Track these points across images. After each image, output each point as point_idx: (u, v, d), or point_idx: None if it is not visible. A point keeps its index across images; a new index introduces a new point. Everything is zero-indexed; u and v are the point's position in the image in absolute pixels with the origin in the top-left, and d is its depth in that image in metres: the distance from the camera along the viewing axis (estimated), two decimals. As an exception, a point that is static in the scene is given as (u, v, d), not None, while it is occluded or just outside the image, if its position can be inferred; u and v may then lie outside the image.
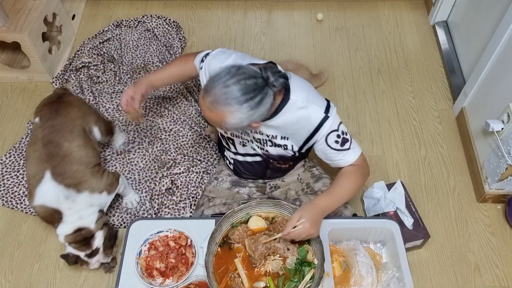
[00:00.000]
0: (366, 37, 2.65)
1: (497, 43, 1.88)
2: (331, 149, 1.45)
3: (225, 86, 1.23)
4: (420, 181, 2.08)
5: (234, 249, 1.41)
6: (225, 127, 1.31)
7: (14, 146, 2.16)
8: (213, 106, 1.25)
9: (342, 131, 1.45)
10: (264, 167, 1.67)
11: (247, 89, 1.23)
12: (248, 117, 1.26)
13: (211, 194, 1.73)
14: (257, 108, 1.26)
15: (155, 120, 2.24)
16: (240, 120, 1.27)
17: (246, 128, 1.38)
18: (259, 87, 1.25)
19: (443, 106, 2.34)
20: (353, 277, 1.39)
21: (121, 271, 1.40)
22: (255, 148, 1.59)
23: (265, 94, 1.26)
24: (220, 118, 1.27)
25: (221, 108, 1.24)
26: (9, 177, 2.06)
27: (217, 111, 1.25)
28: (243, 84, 1.23)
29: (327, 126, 1.41)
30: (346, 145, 1.46)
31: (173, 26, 2.65)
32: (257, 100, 1.25)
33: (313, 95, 1.43)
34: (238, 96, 1.23)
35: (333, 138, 1.43)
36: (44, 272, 1.84)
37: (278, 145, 1.52)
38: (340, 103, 2.36)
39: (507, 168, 1.80)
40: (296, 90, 1.40)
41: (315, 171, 1.75)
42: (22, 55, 2.45)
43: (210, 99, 1.25)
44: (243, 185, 1.74)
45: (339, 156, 1.47)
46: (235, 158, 1.70)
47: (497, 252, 1.87)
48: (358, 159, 1.48)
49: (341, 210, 1.62)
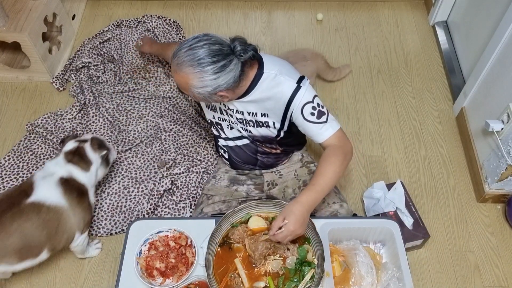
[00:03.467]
0: (366, 37, 2.65)
1: (497, 43, 1.88)
2: (308, 122, 1.46)
3: (190, 49, 1.30)
4: (420, 181, 2.08)
5: (234, 249, 1.41)
6: (192, 93, 1.37)
7: (13, 148, 2.15)
8: (179, 68, 1.32)
9: (317, 103, 1.46)
10: (253, 150, 1.69)
11: (211, 53, 1.30)
12: (211, 81, 1.32)
13: (210, 192, 1.74)
14: (220, 73, 1.31)
15: (155, 120, 2.24)
16: (203, 84, 1.33)
17: (213, 97, 1.40)
18: (224, 53, 1.31)
19: (443, 106, 2.34)
20: (353, 277, 1.39)
21: (121, 271, 1.41)
22: (240, 130, 1.62)
23: (230, 62, 1.32)
24: (185, 81, 1.34)
25: (185, 69, 1.31)
26: (9, 180, 2.05)
27: (182, 73, 1.32)
28: (207, 47, 1.30)
29: (300, 96, 1.43)
30: (323, 118, 1.46)
31: (173, 26, 2.65)
32: (220, 65, 1.30)
33: (287, 69, 1.48)
34: (201, 57, 1.30)
35: (308, 110, 1.45)
36: (44, 272, 1.84)
37: (260, 123, 1.55)
38: (340, 103, 2.36)
39: (507, 168, 1.80)
40: (269, 64, 1.45)
41: (312, 167, 1.75)
42: (22, 55, 2.45)
43: (176, 61, 1.32)
44: (241, 183, 1.75)
45: (317, 130, 1.46)
46: (226, 145, 1.72)
47: (497, 252, 1.87)
48: (336, 134, 1.47)
49: (336, 209, 1.62)
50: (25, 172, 2.07)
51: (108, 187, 2.03)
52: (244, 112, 1.53)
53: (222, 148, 1.76)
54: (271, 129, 1.56)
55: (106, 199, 2.00)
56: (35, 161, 2.10)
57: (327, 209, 1.62)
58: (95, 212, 1.96)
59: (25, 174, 2.07)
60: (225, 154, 1.77)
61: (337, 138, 1.48)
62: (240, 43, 1.34)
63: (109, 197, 2.00)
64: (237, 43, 1.34)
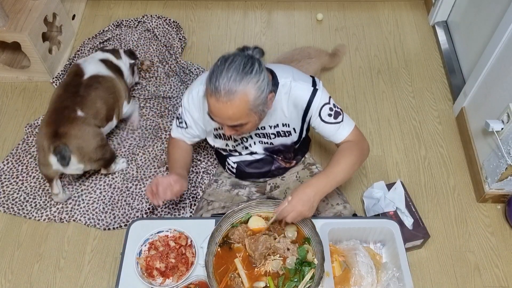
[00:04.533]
0: (366, 37, 2.65)
1: (497, 43, 1.88)
2: (326, 123, 1.47)
3: (226, 72, 1.24)
4: (420, 181, 2.08)
5: (234, 249, 1.41)
6: (250, 111, 1.28)
7: (11, 152, 2.15)
8: (230, 93, 1.24)
9: (333, 104, 1.47)
10: (269, 163, 1.68)
11: (242, 64, 1.26)
12: (262, 82, 1.27)
13: (210, 198, 1.73)
14: (262, 72, 1.28)
15: (155, 120, 2.25)
16: (260, 89, 1.27)
17: (266, 105, 1.35)
18: (248, 58, 1.27)
19: (443, 106, 2.34)
20: (353, 277, 1.39)
21: (121, 271, 1.40)
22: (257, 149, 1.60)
23: (258, 62, 1.29)
24: (243, 100, 1.25)
25: (239, 88, 1.24)
26: (8, 184, 2.05)
27: (237, 95, 1.24)
28: (236, 61, 1.26)
29: (318, 99, 1.43)
30: (339, 118, 1.47)
31: (173, 26, 2.65)
32: (256, 66, 1.27)
33: (298, 74, 1.47)
34: (241, 69, 1.24)
35: (326, 111, 1.46)
36: (44, 272, 1.84)
37: (281, 133, 1.54)
38: (340, 103, 2.36)
39: (507, 168, 1.80)
40: (281, 73, 1.44)
41: (314, 169, 1.75)
42: (22, 55, 2.45)
43: (224, 92, 1.23)
44: (243, 187, 1.74)
45: (334, 130, 1.48)
46: (239, 160, 1.69)
47: (497, 252, 1.87)
48: (353, 132, 1.49)
49: (340, 210, 1.62)
50: (24, 176, 2.07)
51: (112, 179, 2.05)
52: (266, 126, 1.51)
53: (231, 165, 1.72)
54: (292, 136, 1.56)
55: (108, 192, 2.02)
56: (34, 164, 2.10)
57: (331, 210, 1.62)
58: (97, 204, 1.99)
59: (24, 178, 2.07)
60: (233, 170, 1.74)
61: (354, 135, 1.49)
62: (247, 48, 1.33)
63: (111, 190, 2.03)
64: (245, 49, 1.33)
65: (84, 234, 1.94)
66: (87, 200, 2.00)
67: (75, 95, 1.87)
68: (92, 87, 1.91)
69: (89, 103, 1.88)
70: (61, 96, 1.89)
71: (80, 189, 2.03)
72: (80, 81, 1.92)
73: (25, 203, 2.00)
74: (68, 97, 1.87)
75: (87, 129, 1.85)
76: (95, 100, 1.89)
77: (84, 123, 1.84)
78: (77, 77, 1.93)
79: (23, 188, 2.04)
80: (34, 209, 1.98)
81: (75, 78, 1.93)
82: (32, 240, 1.92)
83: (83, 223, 1.95)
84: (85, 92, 1.89)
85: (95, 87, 1.92)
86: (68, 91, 1.89)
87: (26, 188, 2.03)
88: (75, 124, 1.81)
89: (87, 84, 1.91)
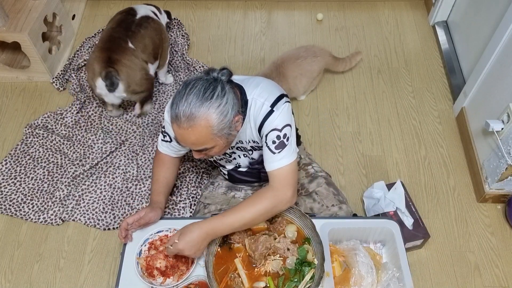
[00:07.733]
0: (366, 37, 2.65)
1: (497, 43, 1.88)
2: (266, 147, 1.37)
3: (186, 99, 1.22)
4: (420, 181, 2.08)
5: (234, 249, 1.41)
6: (214, 136, 1.27)
7: (9, 153, 2.14)
8: (191, 119, 1.22)
9: (284, 134, 1.35)
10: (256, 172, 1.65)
11: (203, 89, 1.23)
12: (225, 106, 1.24)
13: (206, 201, 1.72)
14: (225, 95, 1.25)
15: (155, 119, 2.25)
16: (223, 113, 1.24)
17: (232, 128, 1.31)
18: (210, 81, 1.25)
19: (443, 106, 2.34)
20: (353, 277, 1.39)
21: (121, 271, 1.41)
22: (240, 163, 1.59)
23: (222, 85, 1.25)
24: (204, 125, 1.23)
25: (199, 113, 1.22)
26: (6, 185, 2.05)
27: (198, 120, 1.22)
28: (197, 85, 1.23)
29: (270, 121, 1.34)
30: (280, 150, 1.35)
31: (174, 23, 2.66)
32: (218, 89, 1.24)
33: (264, 89, 1.38)
34: (201, 96, 1.22)
35: (272, 137, 1.35)
36: (44, 272, 1.84)
37: (255, 148, 1.51)
38: (340, 103, 2.36)
39: (507, 168, 1.80)
40: (249, 88, 1.38)
41: (310, 169, 1.73)
42: (22, 55, 2.45)
43: (184, 119, 1.22)
44: (239, 189, 1.73)
45: (270, 158, 1.37)
46: (230, 169, 1.68)
47: (497, 252, 1.87)
48: (284, 168, 1.36)
49: (335, 212, 1.60)
50: (22, 177, 2.07)
51: (112, 179, 2.05)
52: (243, 141, 1.47)
53: (223, 172, 1.72)
54: None
55: (108, 192, 2.02)
56: (32, 165, 2.10)
57: (326, 212, 1.60)
58: (97, 204, 1.99)
59: (22, 179, 2.06)
60: (225, 176, 1.73)
61: (283, 174, 1.37)
62: (210, 70, 1.29)
63: (111, 190, 2.02)
64: (209, 70, 1.29)
65: (84, 234, 1.93)
66: (87, 200, 2.00)
67: (127, 30, 2.07)
68: (142, 26, 2.12)
69: (139, 38, 2.08)
70: (114, 29, 2.09)
71: (80, 189, 2.03)
72: (132, 19, 2.13)
73: (23, 205, 1.99)
74: (120, 30, 2.07)
75: (136, 61, 2.04)
76: (144, 36, 2.10)
77: (133, 55, 2.03)
78: (130, 16, 2.15)
79: (21, 189, 2.03)
80: (32, 211, 1.98)
81: (128, 17, 2.14)
82: (32, 240, 1.92)
83: (83, 223, 1.95)
84: (136, 29, 2.09)
85: (145, 26, 2.13)
86: (121, 26, 2.09)
87: (24, 190, 2.03)
88: (126, 54, 2.01)
89: (138, 23, 2.12)
